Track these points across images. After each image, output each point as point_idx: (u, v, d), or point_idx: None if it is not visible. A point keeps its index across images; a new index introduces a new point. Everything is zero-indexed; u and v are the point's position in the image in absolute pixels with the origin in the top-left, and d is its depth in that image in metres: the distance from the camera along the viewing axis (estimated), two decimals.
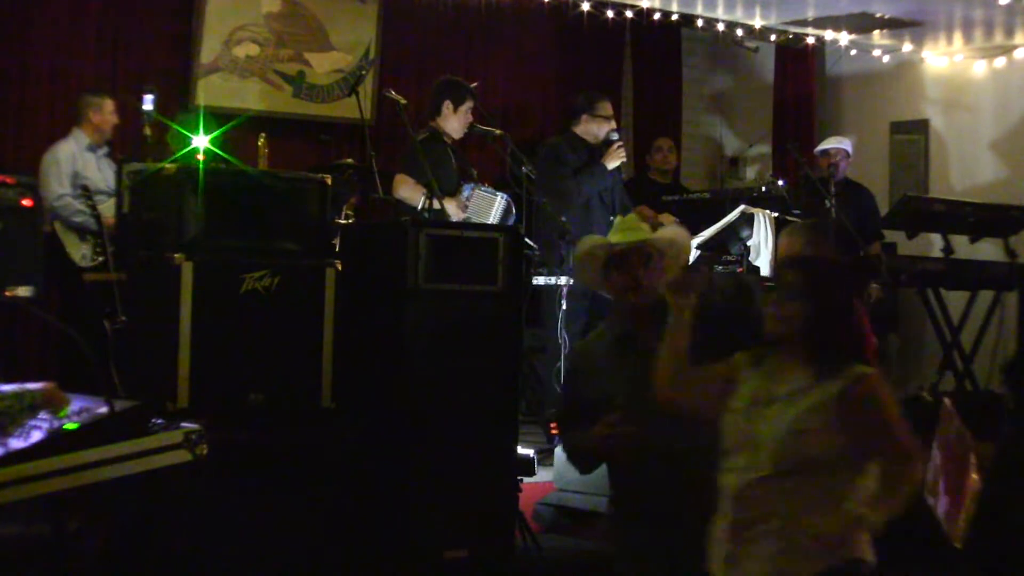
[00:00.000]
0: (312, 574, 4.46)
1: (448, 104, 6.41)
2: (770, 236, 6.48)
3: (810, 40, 8.43)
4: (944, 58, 8.71)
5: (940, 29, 8.09)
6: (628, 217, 3.86)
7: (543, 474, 5.70)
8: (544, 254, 6.67)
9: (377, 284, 4.94)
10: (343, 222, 5.77)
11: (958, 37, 8.29)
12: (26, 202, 5.89)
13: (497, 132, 6.38)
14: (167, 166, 4.90)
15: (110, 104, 6.67)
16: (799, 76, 9.08)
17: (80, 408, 2.93)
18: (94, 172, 6.59)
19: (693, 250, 7.34)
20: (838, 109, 9.28)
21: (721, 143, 10.09)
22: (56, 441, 2.78)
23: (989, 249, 7.52)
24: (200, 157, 5.24)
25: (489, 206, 6.30)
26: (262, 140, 5.62)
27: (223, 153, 5.37)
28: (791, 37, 8.40)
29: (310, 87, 7.93)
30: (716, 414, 3.07)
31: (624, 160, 6.80)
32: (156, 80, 6.89)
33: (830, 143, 7.80)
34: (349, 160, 6.56)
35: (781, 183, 7.63)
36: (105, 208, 6.27)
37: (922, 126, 8.83)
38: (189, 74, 7.47)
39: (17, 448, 2.74)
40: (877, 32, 8.21)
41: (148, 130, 6.45)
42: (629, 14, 7.64)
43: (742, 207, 6.58)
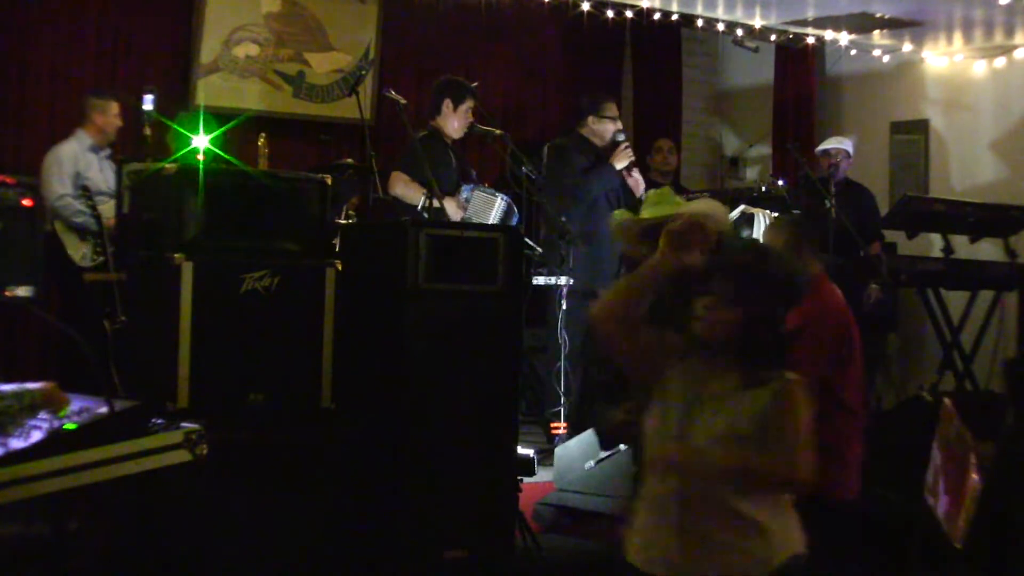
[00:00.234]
0: (312, 574, 4.46)
1: (448, 103, 6.41)
2: None
3: (810, 40, 8.43)
4: (944, 58, 8.71)
5: (940, 29, 8.08)
6: (662, 190, 3.76)
7: (543, 474, 5.71)
8: (545, 254, 6.67)
9: (377, 284, 4.94)
10: (343, 222, 5.77)
11: (958, 37, 8.28)
12: (26, 202, 5.89)
13: (497, 132, 6.37)
14: (167, 166, 4.89)
15: (115, 107, 6.68)
16: (799, 76, 9.07)
17: (80, 408, 2.92)
18: (96, 173, 6.60)
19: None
20: (838, 109, 9.27)
21: (721, 143, 10.08)
22: (56, 441, 2.78)
23: (989, 249, 7.52)
24: (200, 157, 5.24)
25: (489, 207, 6.29)
26: (262, 140, 5.62)
27: (223, 153, 5.37)
28: (791, 37, 8.40)
29: (310, 87, 7.93)
30: (643, 380, 3.03)
31: (632, 160, 6.78)
32: (156, 80, 6.89)
33: (831, 143, 7.79)
34: (349, 160, 6.55)
35: (781, 183, 7.63)
36: (106, 209, 6.28)
37: (922, 126, 8.82)
38: (189, 74, 7.47)
39: (17, 448, 2.74)
40: (877, 32, 8.20)
41: (148, 130, 6.46)
42: (629, 14, 7.63)
43: (742, 207, 6.58)
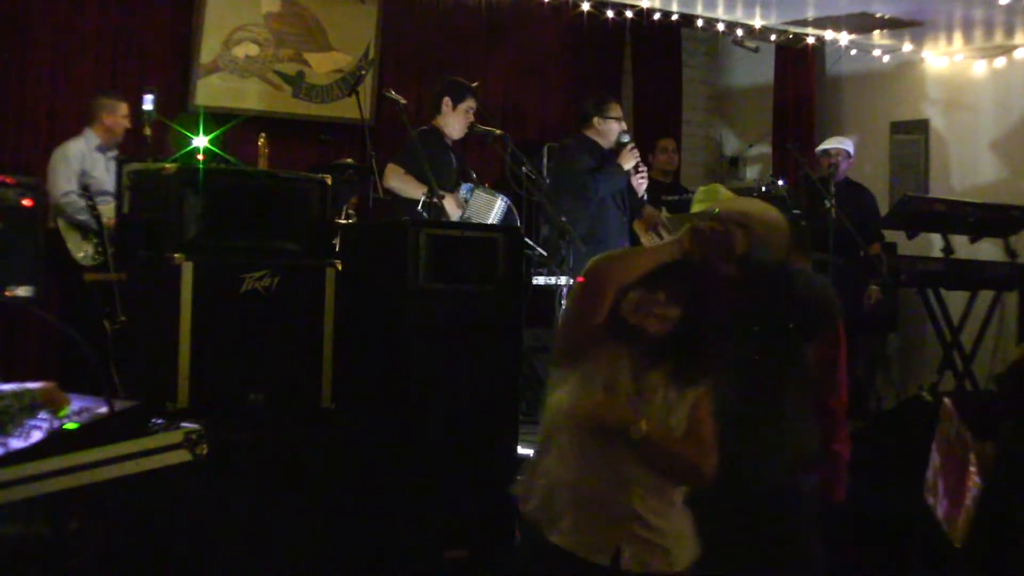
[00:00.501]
0: (312, 574, 4.46)
1: (448, 101, 6.39)
2: None
3: (810, 40, 8.43)
4: (944, 58, 8.70)
5: (940, 29, 8.08)
6: (711, 186, 3.65)
7: None
8: (546, 254, 6.66)
9: (377, 284, 4.94)
10: (343, 222, 5.77)
11: (958, 37, 8.28)
12: (26, 202, 5.90)
13: (497, 132, 6.37)
14: (167, 166, 4.90)
15: (123, 108, 6.67)
16: (799, 76, 9.06)
17: (80, 408, 2.92)
18: (102, 172, 6.59)
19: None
20: (838, 109, 9.27)
21: (721, 143, 10.08)
22: (56, 441, 2.78)
23: (989, 249, 7.51)
24: (200, 157, 5.25)
25: (489, 208, 6.28)
26: (262, 140, 5.62)
27: (223, 153, 5.38)
28: (791, 37, 8.39)
29: (310, 87, 7.93)
30: (578, 348, 3.03)
31: (639, 160, 6.76)
32: (156, 80, 6.89)
33: (831, 143, 7.77)
34: (349, 160, 6.56)
35: (781, 183, 7.62)
36: (109, 209, 6.27)
37: (922, 126, 8.82)
38: (189, 74, 7.47)
39: (17, 448, 2.74)
40: (877, 32, 8.20)
41: (148, 130, 6.46)
42: (629, 14, 7.63)
43: None
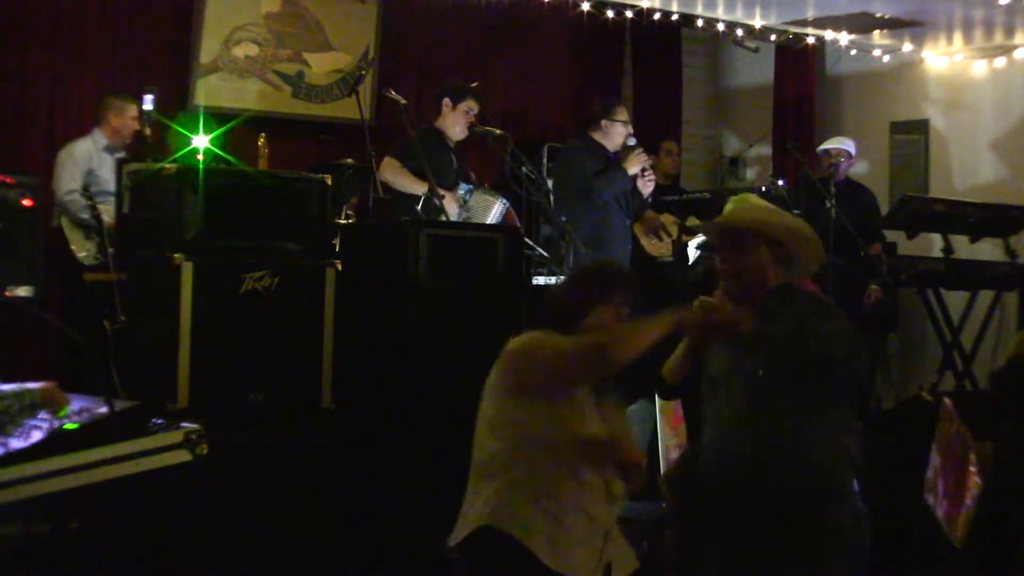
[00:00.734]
0: (312, 573, 4.46)
1: (447, 101, 6.39)
2: None
3: (810, 40, 8.42)
4: (944, 58, 8.70)
5: (940, 29, 8.07)
6: (745, 195, 3.52)
7: None
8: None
9: (378, 284, 4.94)
10: (343, 222, 5.76)
11: (958, 37, 8.27)
12: (26, 202, 5.90)
13: (497, 132, 6.35)
14: (167, 166, 4.90)
15: (132, 109, 6.65)
16: (799, 76, 9.06)
17: (80, 408, 2.92)
18: (108, 173, 6.57)
19: (693, 249, 7.36)
20: (838, 109, 9.26)
21: (721, 143, 10.08)
22: (56, 441, 2.78)
23: (989, 249, 7.51)
24: (200, 157, 5.24)
25: (487, 209, 6.26)
26: (262, 140, 5.62)
27: (223, 153, 5.38)
28: (791, 37, 8.39)
29: (309, 87, 7.92)
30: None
31: (646, 163, 6.75)
32: (156, 80, 6.88)
33: (832, 143, 7.76)
34: (349, 160, 6.55)
35: (781, 183, 7.62)
36: (111, 209, 6.27)
37: (922, 126, 8.81)
38: (189, 74, 7.46)
39: (17, 448, 2.74)
40: (877, 32, 8.20)
41: (148, 130, 6.46)
42: (629, 14, 7.62)
43: None
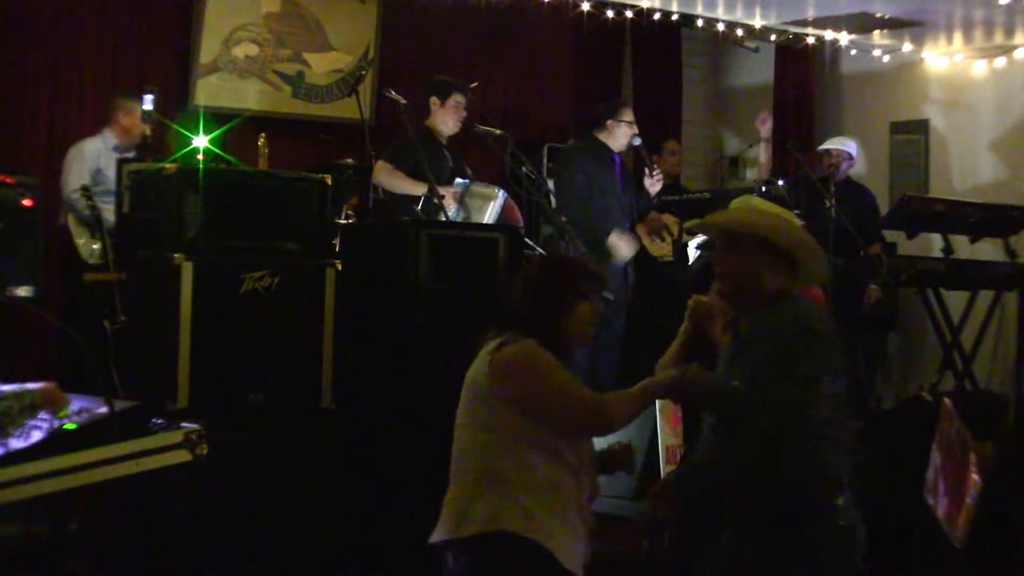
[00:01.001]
0: (312, 573, 4.46)
1: (435, 100, 6.35)
2: None
3: (810, 40, 8.42)
4: (944, 58, 8.70)
5: (940, 29, 8.07)
6: (744, 198, 3.42)
7: None
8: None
9: (377, 284, 4.94)
10: (343, 222, 5.76)
11: (958, 37, 8.27)
12: (26, 202, 5.91)
13: (497, 132, 6.34)
14: (167, 166, 4.90)
15: (140, 109, 6.65)
16: (799, 76, 9.06)
17: (80, 408, 2.93)
18: (115, 173, 6.58)
19: (693, 249, 7.35)
20: (838, 109, 9.26)
21: (721, 143, 10.08)
22: (56, 441, 2.78)
23: (989, 249, 7.51)
24: (200, 157, 5.24)
25: (486, 202, 6.22)
26: (262, 140, 5.62)
27: (223, 153, 5.38)
28: (791, 37, 8.39)
29: (309, 87, 7.92)
30: None
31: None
32: (156, 80, 6.89)
33: (834, 143, 7.75)
34: (349, 160, 6.55)
35: (781, 183, 7.62)
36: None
37: (922, 126, 8.81)
38: (189, 74, 7.46)
39: (17, 448, 2.74)
40: (877, 32, 8.19)
41: (148, 130, 6.46)
42: (629, 14, 7.62)
43: None
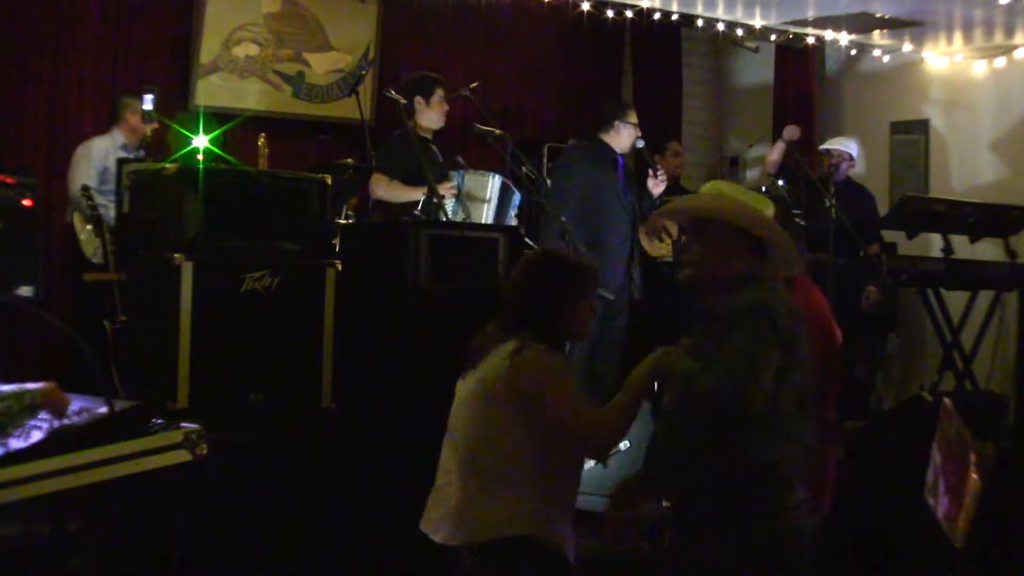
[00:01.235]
0: (312, 574, 4.46)
1: (419, 100, 6.33)
2: None
3: (810, 40, 8.42)
4: (944, 58, 8.70)
5: (940, 29, 8.07)
6: (712, 184, 3.49)
7: None
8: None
9: (377, 284, 4.94)
10: (343, 222, 5.76)
11: (958, 37, 8.27)
12: (26, 202, 5.91)
13: (497, 132, 6.34)
14: (167, 166, 4.90)
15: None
16: (799, 76, 9.06)
17: (80, 408, 2.93)
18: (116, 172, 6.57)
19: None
20: (838, 109, 9.26)
21: (721, 143, 10.08)
22: (56, 441, 2.78)
23: (989, 249, 7.51)
24: (200, 157, 5.25)
25: (483, 187, 6.17)
26: (262, 140, 5.62)
27: (223, 153, 5.38)
28: (791, 37, 8.39)
29: (310, 87, 7.92)
30: None
31: (664, 186, 6.74)
32: (156, 80, 6.89)
33: (834, 143, 7.76)
34: (349, 160, 6.55)
35: (781, 183, 7.62)
36: None
37: (922, 126, 8.81)
38: (189, 74, 7.46)
39: (17, 448, 2.74)
40: (877, 32, 8.19)
41: (148, 130, 6.46)
42: (629, 14, 7.62)
43: None
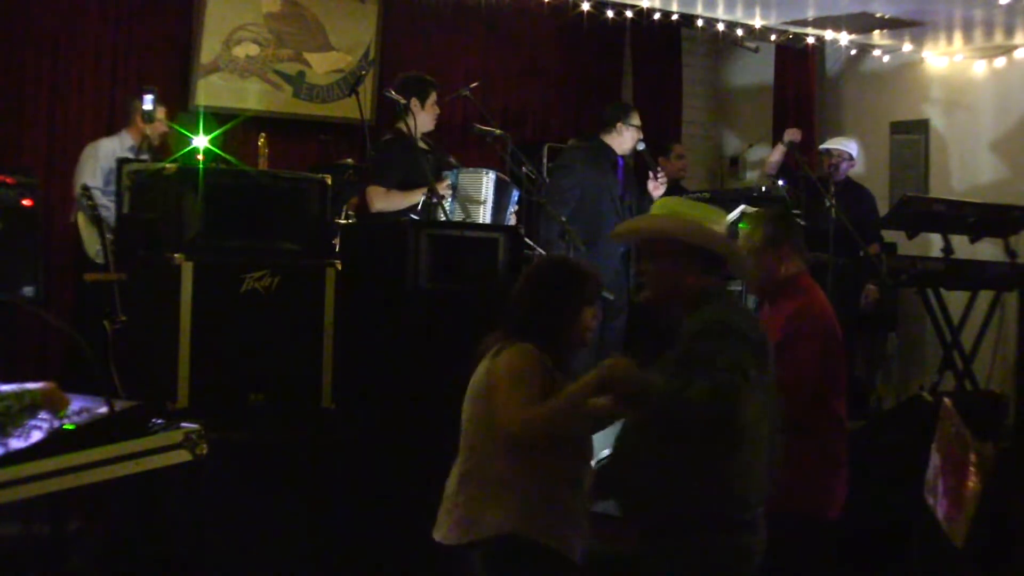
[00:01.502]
0: (312, 573, 4.47)
1: (415, 102, 6.31)
2: None
3: (810, 40, 8.42)
4: (944, 58, 8.70)
5: (940, 29, 8.07)
6: (663, 201, 3.64)
7: None
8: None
9: (377, 284, 4.94)
10: (343, 222, 5.76)
11: (958, 37, 8.27)
12: (26, 202, 5.91)
13: (497, 132, 6.33)
14: (167, 166, 4.90)
15: (161, 111, 6.63)
16: (799, 76, 9.06)
17: (80, 408, 2.93)
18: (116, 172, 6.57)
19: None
20: (838, 109, 9.26)
21: (721, 143, 10.08)
22: (56, 441, 2.78)
23: (989, 249, 7.51)
24: (200, 157, 5.24)
25: (477, 185, 6.16)
26: (262, 140, 5.62)
27: (223, 153, 5.38)
28: (791, 37, 8.39)
29: (310, 87, 7.92)
30: None
31: (664, 188, 6.74)
32: (156, 80, 6.89)
33: (835, 143, 7.76)
34: (349, 160, 6.54)
35: (781, 183, 7.62)
36: None
37: (922, 126, 8.81)
38: (189, 74, 7.47)
39: (17, 448, 2.74)
40: (877, 32, 8.19)
41: (148, 130, 6.46)
42: (629, 14, 7.62)
43: (742, 207, 6.57)
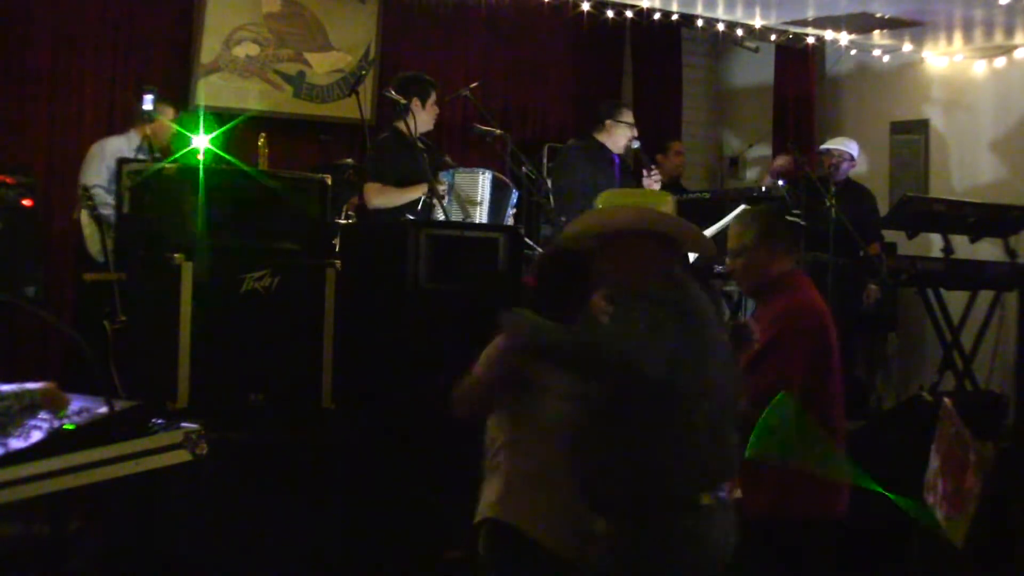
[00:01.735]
0: (312, 573, 4.47)
1: (416, 102, 6.31)
2: None
3: (810, 40, 8.42)
4: (944, 58, 8.70)
5: (940, 29, 8.07)
6: (604, 193, 3.70)
7: None
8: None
9: (377, 284, 4.94)
10: (343, 222, 5.76)
11: (958, 37, 8.27)
12: (26, 202, 5.92)
13: (497, 132, 6.34)
14: (167, 166, 4.90)
15: (169, 112, 6.62)
16: (799, 76, 9.06)
17: (80, 408, 2.93)
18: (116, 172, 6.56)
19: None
20: (838, 109, 9.26)
21: (721, 143, 10.08)
22: (56, 441, 2.78)
23: (989, 249, 7.51)
24: (200, 157, 5.25)
25: (474, 185, 6.15)
26: (262, 140, 5.62)
27: (223, 153, 5.38)
28: (791, 37, 8.39)
29: (310, 87, 7.92)
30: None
31: (658, 185, 6.75)
32: (156, 80, 6.89)
33: (835, 143, 7.76)
34: (349, 160, 6.55)
35: (781, 183, 7.62)
36: None
37: (922, 126, 8.81)
38: (189, 74, 7.47)
39: (17, 448, 2.74)
40: (877, 32, 8.19)
41: (148, 130, 6.45)
42: (629, 14, 7.62)
43: (742, 207, 6.57)
